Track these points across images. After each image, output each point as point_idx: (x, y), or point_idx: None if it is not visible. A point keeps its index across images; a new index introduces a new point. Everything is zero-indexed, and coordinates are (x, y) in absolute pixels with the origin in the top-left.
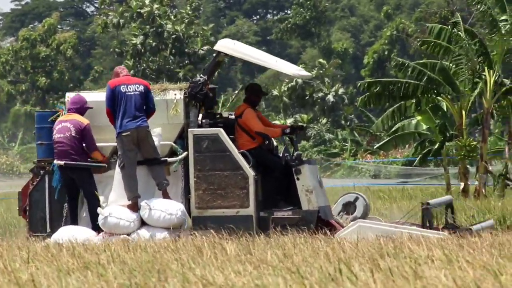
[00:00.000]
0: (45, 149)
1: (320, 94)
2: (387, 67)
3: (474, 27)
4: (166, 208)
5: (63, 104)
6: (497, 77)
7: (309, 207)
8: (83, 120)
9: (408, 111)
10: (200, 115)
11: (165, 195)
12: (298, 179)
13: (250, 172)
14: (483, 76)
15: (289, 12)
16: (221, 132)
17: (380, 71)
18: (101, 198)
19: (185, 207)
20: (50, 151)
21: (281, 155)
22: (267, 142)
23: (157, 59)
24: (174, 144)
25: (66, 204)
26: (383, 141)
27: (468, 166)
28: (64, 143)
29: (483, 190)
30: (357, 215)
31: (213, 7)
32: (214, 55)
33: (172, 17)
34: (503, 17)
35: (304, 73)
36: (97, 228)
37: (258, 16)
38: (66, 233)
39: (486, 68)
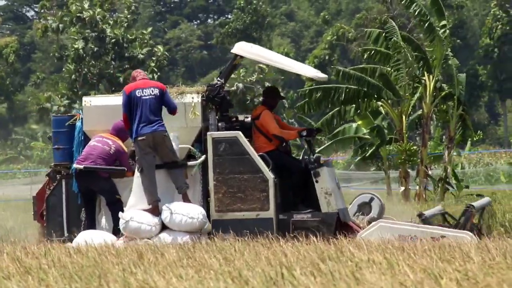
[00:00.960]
0: (62, 153)
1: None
2: (328, 72)
3: (414, 32)
4: (187, 211)
5: (80, 109)
6: (436, 82)
7: (329, 210)
8: (124, 147)
9: (348, 115)
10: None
11: (185, 199)
12: (317, 181)
13: (270, 175)
14: (423, 81)
15: (230, 16)
16: (240, 135)
17: None
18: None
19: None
20: (67, 155)
21: (301, 158)
22: (284, 144)
23: (98, 63)
24: (192, 148)
25: (83, 208)
26: (324, 145)
27: (408, 170)
28: (98, 150)
29: (424, 194)
30: (374, 215)
31: (150, 12)
32: (232, 58)
33: (111, 21)
34: (442, 23)
35: (322, 75)
36: (117, 232)
37: (198, 21)
38: (87, 238)
39: (425, 73)
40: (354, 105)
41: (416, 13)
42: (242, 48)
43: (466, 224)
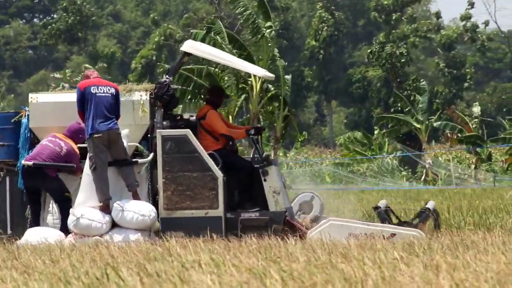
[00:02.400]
0: (6, 150)
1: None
2: (155, 73)
3: (241, 33)
4: (139, 209)
5: (27, 106)
6: (262, 83)
7: (277, 208)
8: (76, 149)
9: None
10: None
11: (136, 197)
12: (265, 180)
13: (219, 173)
14: (249, 82)
15: (55, 16)
16: (189, 133)
17: (148, 76)
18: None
19: None
20: (12, 152)
21: (251, 156)
22: (231, 143)
23: None
24: (139, 145)
25: (28, 206)
26: None
27: None
28: (48, 150)
29: None
30: (317, 213)
31: None
32: (181, 56)
33: None
34: (268, 24)
35: (270, 74)
36: (65, 230)
37: (24, 20)
38: (36, 235)
39: (252, 74)
40: (181, 105)
41: (242, 14)
42: (192, 46)
43: (418, 224)
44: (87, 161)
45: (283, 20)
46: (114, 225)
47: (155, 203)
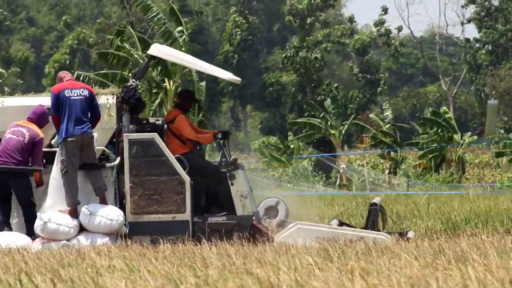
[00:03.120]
0: None
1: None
2: None
3: (154, 38)
4: (106, 213)
5: None
6: (177, 88)
7: (244, 212)
8: (40, 133)
9: None
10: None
11: (103, 201)
12: (232, 184)
13: (187, 177)
14: (163, 87)
15: None
16: (156, 136)
17: None
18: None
19: None
20: None
21: (219, 160)
22: (198, 147)
23: None
24: (106, 149)
25: None
26: None
27: None
28: (12, 143)
29: None
30: (283, 218)
31: None
32: (148, 59)
33: None
34: (179, 28)
35: (236, 78)
36: (31, 234)
37: None
38: (3, 240)
39: (165, 78)
40: None
41: (153, 19)
42: (158, 49)
43: (374, 223)
44: (55, 165)
45: (196, 25)
46: (81, 229)
47: (122, 207)
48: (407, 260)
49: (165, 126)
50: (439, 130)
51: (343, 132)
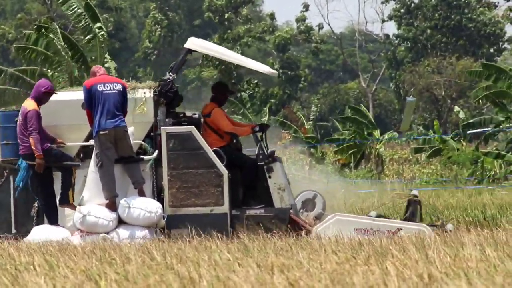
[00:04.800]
0: (10, 148)
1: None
2: None
3: (75, 33)
4: (145, 206)
5: None
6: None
7: (282, 205)
8: (29, 106)
9: None
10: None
11: (141, 193)
12: (270, 177)
13: (224, 170)
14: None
15: None
16: (194, 129)
17: None
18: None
19: None
20: (15, 151)
21: (256, 153)
22: (235, 141)
23: None
24: (144, 143)
25: (35, 203)
26: None
27: None
28: (18, 130)
29: None
30: (320, 210)
31: None
32: (184, 53)
33: None
34: (97, 25)
35: (274, 71)
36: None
37: None
38: (41, 234)
39: (85, 74)
40: (14, 107)
41: (73, 14)
42: (194, 43)
43: (414, 215)
44: (93, 158)
45: (116, 21)
46: (120, 222)
47: (159, 201)
48: (326, 255)
49: (202, 119)
50: (358, 127)
51: None
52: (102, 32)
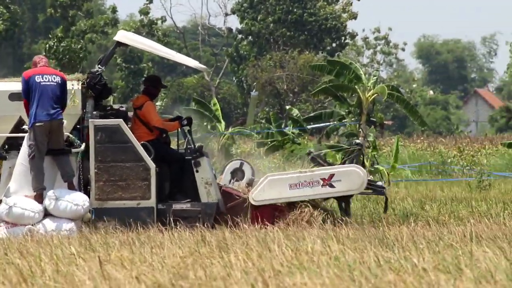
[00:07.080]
0: None
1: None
2: None
3: None
4: (72, 199)
5: None
6: None
7: (209, 200)
8: None
9: None
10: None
11: (71, 187)
12: (197, 171)
13: (152, 164)
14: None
15: None
16: (122, 122)
17: None
18: None
19: None
20: None
21: (184, 148)
22: (164, 135)
23: None
24: (71, 135)
25: None
26: None
27: None
28: None
29: None
30: (251, 176)
31: None
32: (113, 45)
33: None
34: None
35: (203, 66)
36: None
37: None
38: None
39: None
40: None
41: None
42: (125, 36)
43: (354, 162)
44: (23, 149)
45: None
46: (47, 214)
47: (86, 193)
48: (169, 250)
49: (133, 112)
50: (203, 121)
51: None
52: None
